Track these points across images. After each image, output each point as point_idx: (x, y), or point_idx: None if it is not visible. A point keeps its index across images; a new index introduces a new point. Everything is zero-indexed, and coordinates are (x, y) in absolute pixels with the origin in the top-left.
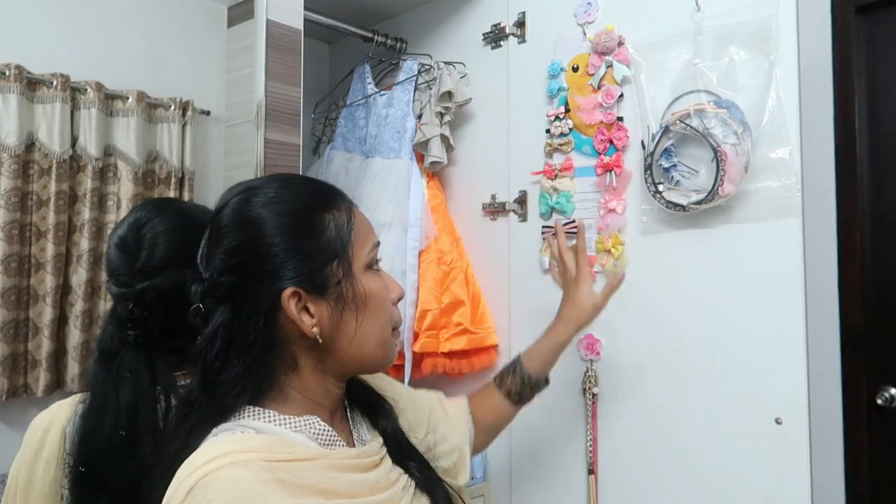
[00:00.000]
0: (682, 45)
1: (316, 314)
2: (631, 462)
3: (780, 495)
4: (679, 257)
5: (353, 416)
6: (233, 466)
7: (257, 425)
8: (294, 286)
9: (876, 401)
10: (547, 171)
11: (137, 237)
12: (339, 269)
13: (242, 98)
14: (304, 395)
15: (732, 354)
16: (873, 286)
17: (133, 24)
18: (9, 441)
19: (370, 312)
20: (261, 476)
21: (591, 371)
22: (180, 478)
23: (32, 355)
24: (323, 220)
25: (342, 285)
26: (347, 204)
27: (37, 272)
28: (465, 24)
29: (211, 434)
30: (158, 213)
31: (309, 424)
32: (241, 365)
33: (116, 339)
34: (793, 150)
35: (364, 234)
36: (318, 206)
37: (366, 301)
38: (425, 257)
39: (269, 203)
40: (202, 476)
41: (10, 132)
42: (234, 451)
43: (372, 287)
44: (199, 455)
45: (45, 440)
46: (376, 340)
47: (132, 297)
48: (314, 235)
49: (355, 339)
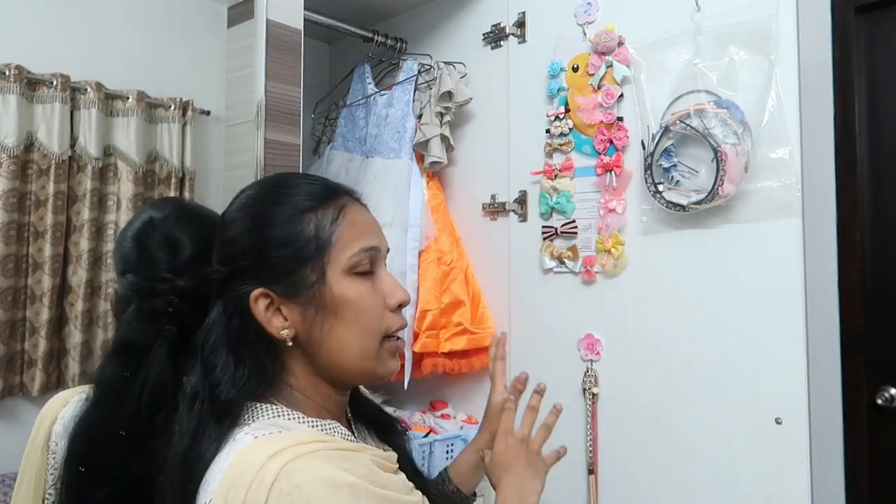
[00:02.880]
0: (682, 45)
1: (289, 317)
2: (631, 462)
3: (780, 495)
4: (679, 257)
5: (358, 428)
6: (304, 457)
7: (290, 425)
8: (263, 288)
9: (876, 401)
10: (547, 171)
11: (179, 232)
12: (313, 272)
13: (242, 98)
14: (308, 398)
15: (732, 354)
16: (873, 286)
17: (133, 24)
18: (4, 438)
19: (346, 320)
20: (328, 462)
21: (591, 371)
22: (244, 480)
23: (29, 355)
24: (302, 221)
25: (315, 290)
26: (343, 202)
27: (34, 272)
28: (465, 24)
29: (241, 433)
30: (187, 209)
31: (333, 429)
32: (232, 360)
33: (150, 333)
34: (793, 150)
35: (350, 238)
36: (302, 206)
37: (340, 307)
38: (425, 257)
39: (258, 202)
40: (278, 469)
41: (9, 132)
42: (294, 444)
43: (349, 293)
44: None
45: (38, 430)
46: (356, 350)
47: (178, 291)
48: (290, 237)
49: (334, 346)
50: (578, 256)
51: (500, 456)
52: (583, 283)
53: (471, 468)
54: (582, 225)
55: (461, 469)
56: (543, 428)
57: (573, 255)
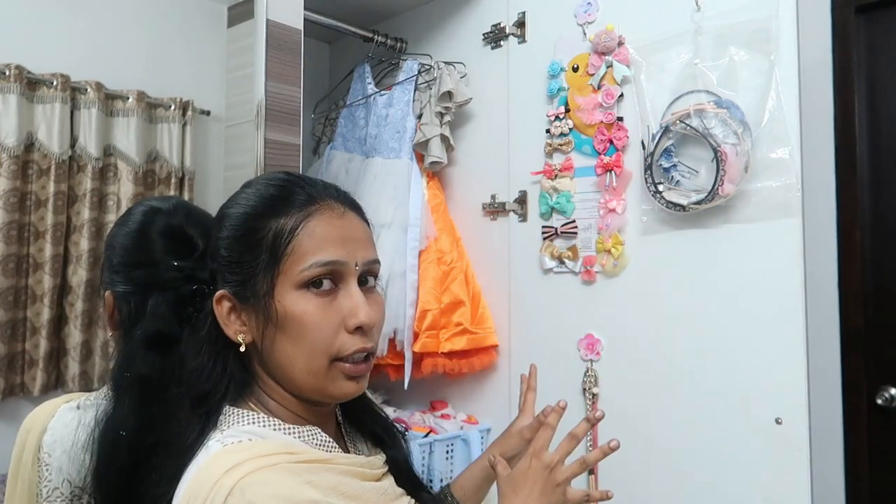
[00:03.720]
0: (682, 45)
1: (247, 322)
2: (630, 462)
3: (780, 495)
4: (679, 257)
5: (349, 434)
6: (262, 470)
7: (263, 432)
8: (225, 290)
9: (876, 401)
10: (547, 171)
11: (194, 221)
12: (265, 282)
13: (242, 98)
14: (280, 405)
15: (732, 354)
16: (873, 286)
17: (133, 24)
18: (4, 439)
19: (291, 336)
20: (291, 476)
21: (591, 371)
22: (201, 492)
23: (30, 355)
24: (264, 227)
25: (264, 300)
26: (311, 210)
27: (35, 272)
28: (465, 24)
29: (213, 440)
30: (185, 204)
31: (312, 434)
32: (203, 355)
33: (175, 321)
34: (793, 150)
35: (306, 250)
36: (265, 212)
37: (284, 322)
38: (425, 257)
39: (238, 203)
40: (234, 483)
41: (9, 132)
42: (255, 457)
43: (293, 309)
44: (213, 466)
45: (26, 442)
46: (302, 366)
47: (205, 279)
48: (249, 244)
49: (278, 357)
50: (578, 256)
51: (519, 474)
52: (583, 283)
53: (474, 486)
54: (582, 225)
55: (466, 485)
56: (579, 463)
57: (573, 255)
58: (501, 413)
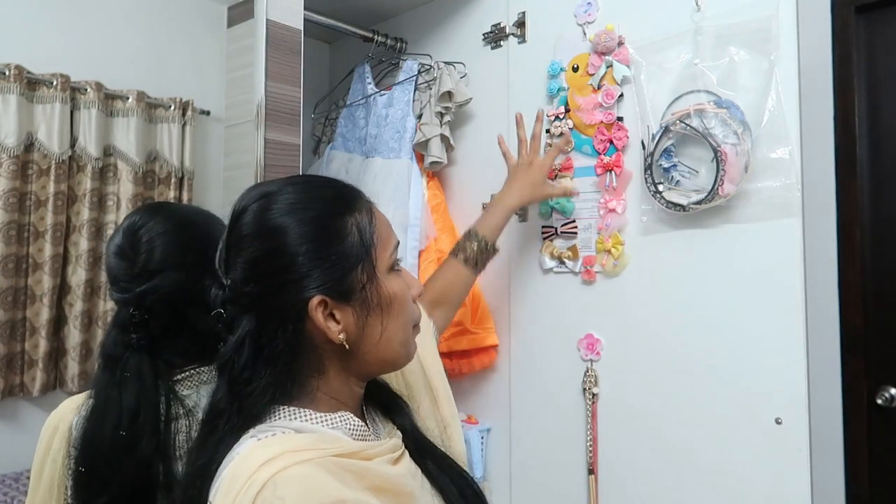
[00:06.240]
0: (682, 45)
1: (342, 320)
2: (631, 462)
3: (780, 495)
4: (679, 257)
5: (369, 412)
6: (296, 465)
7: (295, 425)
8: (320, 295)
9: (876, 401)
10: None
11: (133, 242)
12: (364, 273)
13: (242, 98)
14: (330, 396)
15: (732, 354)
16: (873, 286)
17: (133, 24)
18: (4, 439)
19: (394, 314)
20: (323, 472)
21: (591, 371)
22: (235, 486)
23: (29, 355)
24: (346, 225)
25: (367, 290)
26: (367, 204)
27: (34, 272)
28: (465, 24)
29: (247, 436)
30: (151, 216)
31: (343, 420)
32: (269, 374)
33: (120, 343)
34: (793, 150)
35: (386, 236)
36: (339, 210)
37: (390, 304)
38: (425, 257)
39: (290, 210)
40: (267, 478)
41: (9, 132)
42: (288, 451)
43: (395, 289)
44: (249, 459)
45: (54, 438)
46: (400, 340)
47: (133, 301)
48: (338, 242)
49: (381, 341)
50: (578, 256)
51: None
52: (583, 283)
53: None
54: (582, 225)
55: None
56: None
57: (573, 255)
58: (501, 413)
